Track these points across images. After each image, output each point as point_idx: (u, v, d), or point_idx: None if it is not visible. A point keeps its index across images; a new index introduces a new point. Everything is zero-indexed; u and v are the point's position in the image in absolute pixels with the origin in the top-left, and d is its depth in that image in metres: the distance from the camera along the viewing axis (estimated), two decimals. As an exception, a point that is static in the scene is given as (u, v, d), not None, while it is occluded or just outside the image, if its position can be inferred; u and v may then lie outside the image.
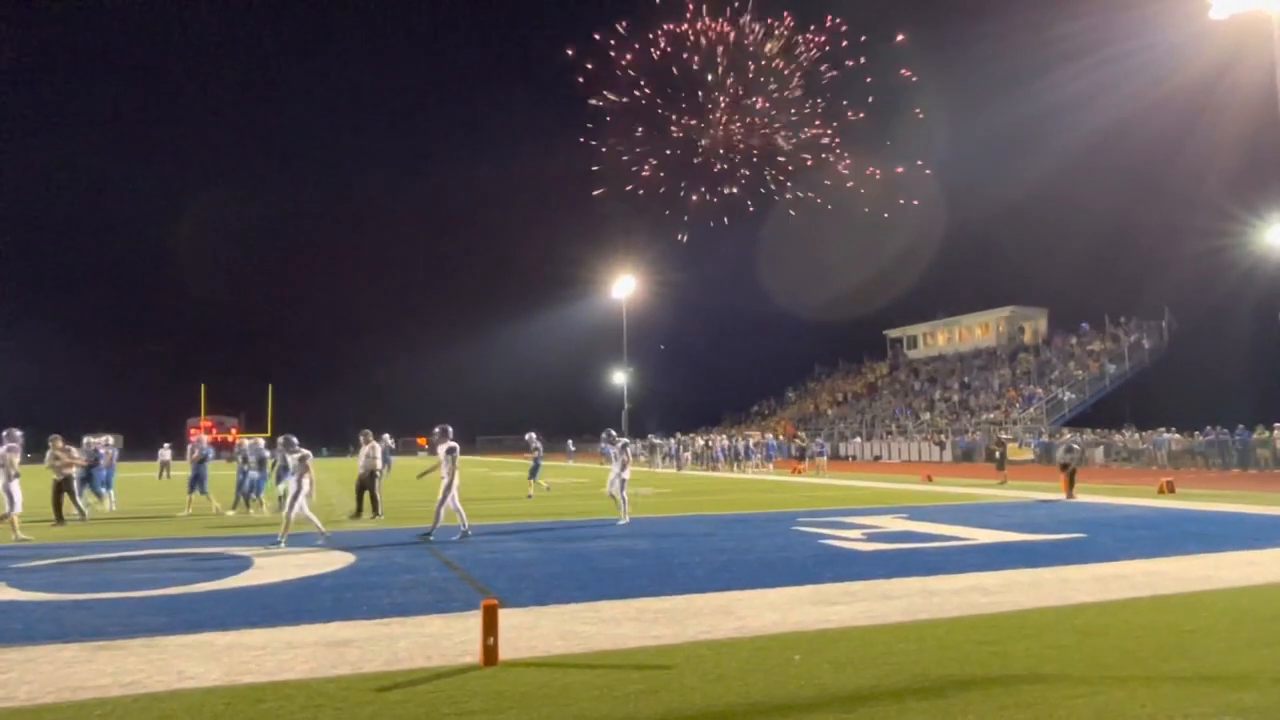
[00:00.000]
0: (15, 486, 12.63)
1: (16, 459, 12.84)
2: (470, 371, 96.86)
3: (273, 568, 9.69)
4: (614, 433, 15.23)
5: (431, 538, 12.03)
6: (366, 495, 15.53)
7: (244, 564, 10.02)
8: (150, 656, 5.71)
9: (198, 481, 16.92)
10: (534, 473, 21.80)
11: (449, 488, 12.23)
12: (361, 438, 15.66)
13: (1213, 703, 4.56)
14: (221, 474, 22.62)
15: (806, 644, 5.91)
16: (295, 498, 11.58)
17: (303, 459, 11.83)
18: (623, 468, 14.48)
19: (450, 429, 12.92)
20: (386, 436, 31.05)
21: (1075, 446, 20.02)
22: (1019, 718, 4.36)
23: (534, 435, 22.21)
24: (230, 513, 16.50)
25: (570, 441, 55.56)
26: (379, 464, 15.63)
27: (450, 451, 12.44)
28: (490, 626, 5.47)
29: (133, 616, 7.05)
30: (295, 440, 12.77)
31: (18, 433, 13.18)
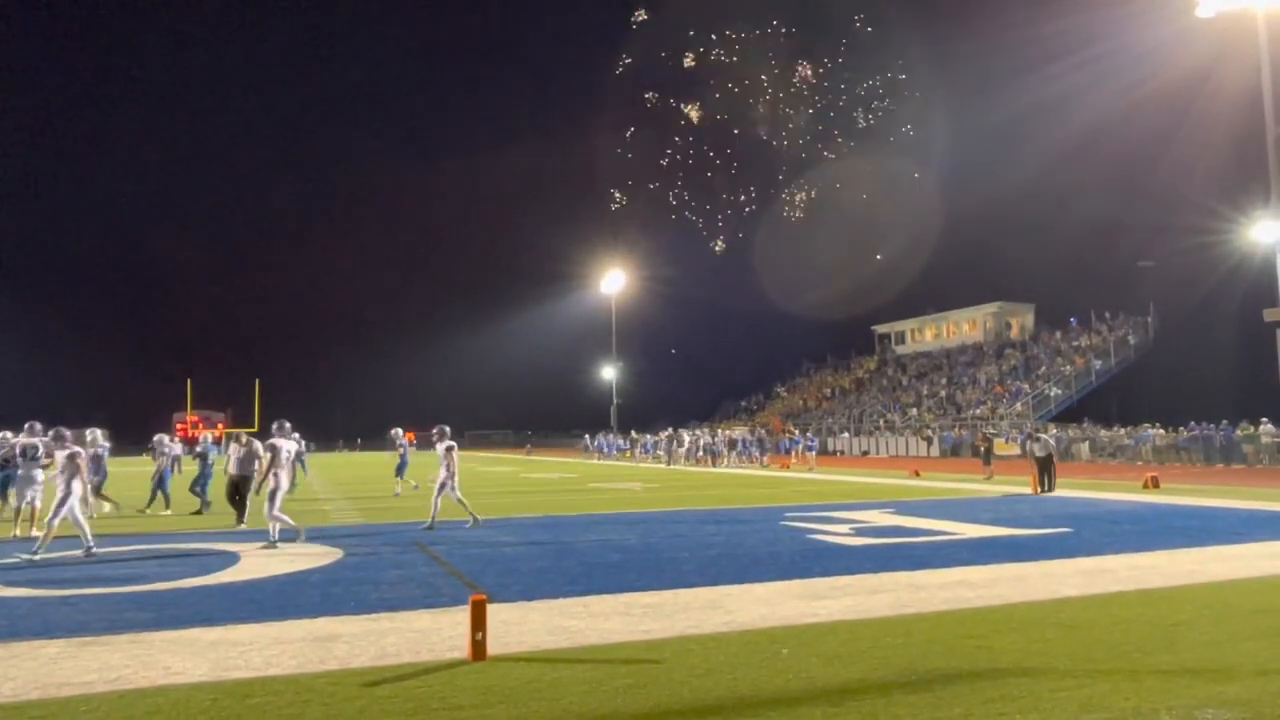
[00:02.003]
0: (40, 476, 12.62)
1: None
2: (460, 367, 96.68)
3: (260, 563, 9.65)
4: (447, 429, 13.41)
5: (276, 545, 10.85)
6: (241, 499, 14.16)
7: (231, 559, 9.97)
8: (136, 652, 5.67)
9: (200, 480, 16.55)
10: (400, 470, 20.91)
11: (275, 491, 11.03)
12: (233, 441, 14.69)
13: (1196, 695, 4.60)
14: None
15: (794, 638, 5.93)
16: (63, 502, 10.03)
17: (72, 457, 10.33)
18: (448, 471, 12.96)
19: (287, 424, 11.65)
20: (297, 435, 29.61)
21: (1043, 437, 20.18)
22: (1005, 710, 4.39)
23: (399, 431, 21.47)
24: (159, 512, 15.82)
25: (588, 436, 56.33)
26: (254, 468, 14.58)
27: (271, 449, 11.18)
28: (479, 621, 5.46)
29: (118, 612, 7.00)
30: (67, 433, 11.26)
31: (38, 425, 13.04)
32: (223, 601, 7.47)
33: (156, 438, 16.95)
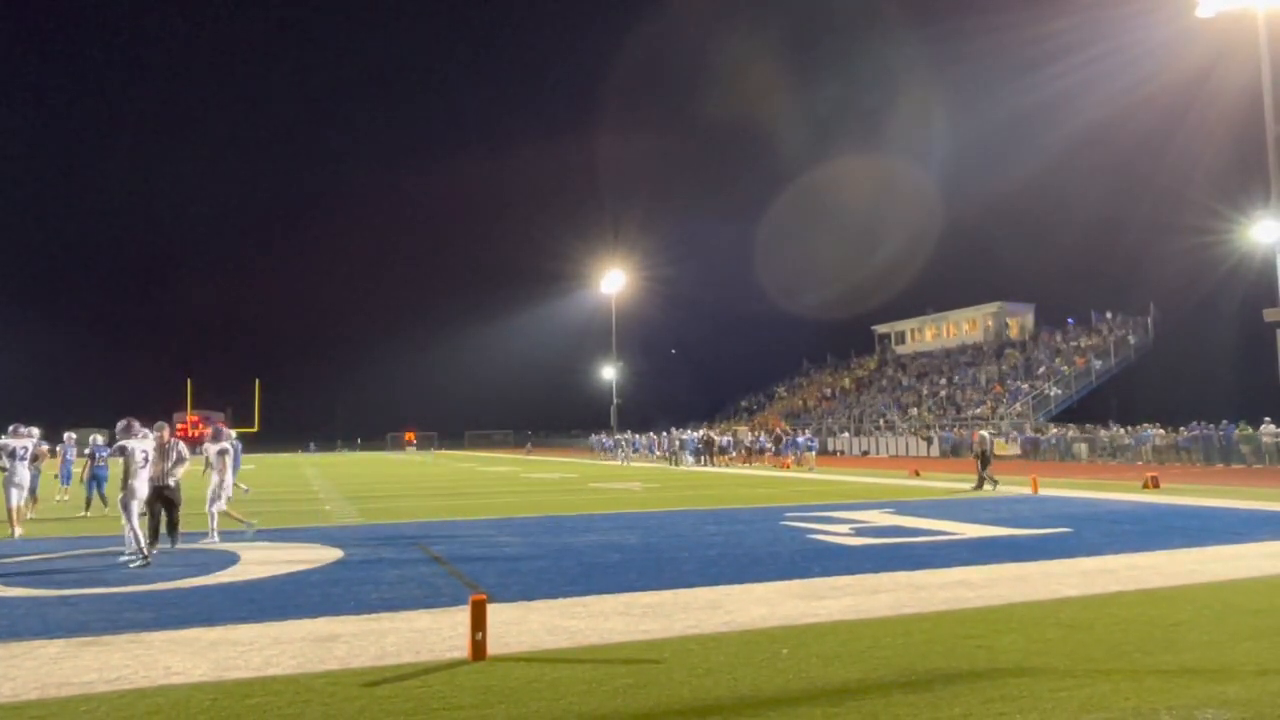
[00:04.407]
0: (28, 476, 12.66)
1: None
2: (460, 367, 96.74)
3: (260, 563, 9.65)
4: (223, 429, 12.40)
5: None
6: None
7: (231, 559, 9.97)
8: (136, 652, 5.67)
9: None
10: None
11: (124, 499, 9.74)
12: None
13: (1196, 695, 4.60)
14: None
15: (794, 638, 5.93)
16: None
17: None
18: (220, 477, 11.72)
19: (135, 423, 10.36)
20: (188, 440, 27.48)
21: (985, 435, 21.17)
22: (1005, 710, 4.39)
23: (230, 433, 19.87)
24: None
25: (601, 436, 56.43)
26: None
27: (120, 451, 9.95)
28: (479, 621, 5.46)
29: (118, 612, 7.01)
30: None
31: (23, 428, 12.99)
32: (223, 601, 7.47)
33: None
